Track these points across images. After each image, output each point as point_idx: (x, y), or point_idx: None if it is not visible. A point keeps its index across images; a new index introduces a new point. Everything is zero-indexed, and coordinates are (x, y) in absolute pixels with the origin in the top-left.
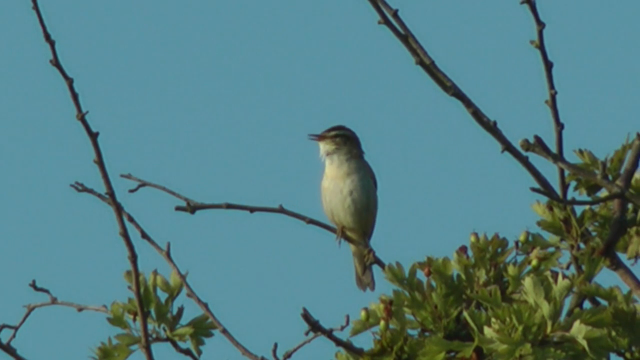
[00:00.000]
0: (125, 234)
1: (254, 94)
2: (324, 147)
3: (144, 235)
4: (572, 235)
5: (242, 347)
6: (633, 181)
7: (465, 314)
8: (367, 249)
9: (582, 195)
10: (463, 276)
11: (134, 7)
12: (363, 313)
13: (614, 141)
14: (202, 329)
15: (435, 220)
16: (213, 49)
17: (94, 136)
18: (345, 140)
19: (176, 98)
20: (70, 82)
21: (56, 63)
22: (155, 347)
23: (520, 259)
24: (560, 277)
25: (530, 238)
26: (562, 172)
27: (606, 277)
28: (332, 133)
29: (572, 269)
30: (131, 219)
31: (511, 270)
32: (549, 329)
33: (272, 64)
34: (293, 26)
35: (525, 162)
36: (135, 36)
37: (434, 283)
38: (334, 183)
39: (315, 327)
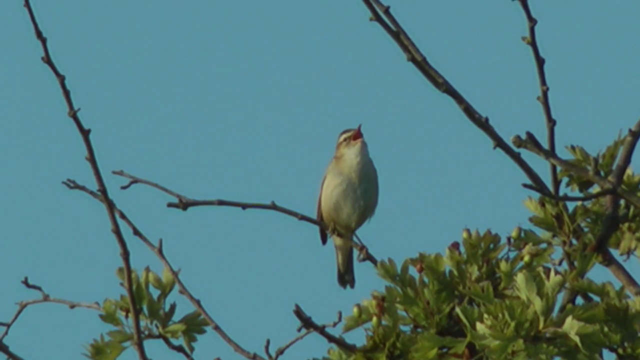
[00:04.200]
0: (117, 231)
1: (244, 91)
2: (363, 147)
3: (136, 232)
4: (564, 231)
5: (234, 343)
6: (625, 177)
7: (457, 310)
8: (359, 246)
9: (574, 191)
10: (455, 272)
11: (126, 4)
12: (355, 309)
13: (606, 137)
14: (194, 325)
15: (427, 216)
16: (203, 45)
17: (85, 133)
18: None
19: (168, 95)
20: (62, 79)
21: (48, 60)
22: (147, 343)
23: (512, 255)
24: (552, 273)
25: (522, 234)
26: (554, 168)
27: (598, 273)
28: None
29: (565, 265)
30: (123, 216)
31: (503, 266)
32: (541, 325)
33: (261, 60)
34: (283, 22)
35: (517, 158)
36: (126, 33)
37: (426, 279)
38: (348, 181)
39: (307, 323)
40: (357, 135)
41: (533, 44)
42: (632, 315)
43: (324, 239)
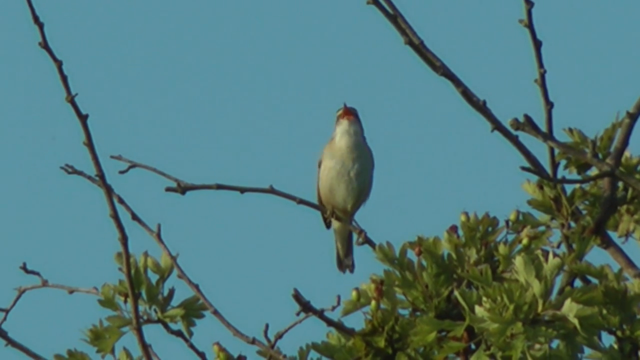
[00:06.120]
0: (115, 216)
1: (241, 74)
2: (350, 124)
3: (135, 217)
4: (562, 214)
5: (233, 328)
6: (623, 159)
7: (456, 293)
8: (357, 230)
9: (572, 173)
10: (454, 255)
11: None
12: (354, 293)
13: (604, 119)
14: (193, 310)
15: (425, 199)
16: (201, 30)
17: (83, 118)
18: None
19: (165, 80)
20: (59, 64)
21: (45, 45)
22: (146, 328)
23: (510, 238)
24: (550, 256)
25: (520, 217)
26: (552, 150)
27: (597, 256)
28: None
29: (563, 247)
30: (121, 201)
31: (502, 249)
32: (540, 308)
33: (258, 43)
34: (279, 4)
35: (515, 141)
36: (124, 17)
37: (424, 262)
38: (341, 163)
39: (306, 307)
40: (344, 113)
41: (530, 26)
42: (630, 298)
43: (328, 223)
